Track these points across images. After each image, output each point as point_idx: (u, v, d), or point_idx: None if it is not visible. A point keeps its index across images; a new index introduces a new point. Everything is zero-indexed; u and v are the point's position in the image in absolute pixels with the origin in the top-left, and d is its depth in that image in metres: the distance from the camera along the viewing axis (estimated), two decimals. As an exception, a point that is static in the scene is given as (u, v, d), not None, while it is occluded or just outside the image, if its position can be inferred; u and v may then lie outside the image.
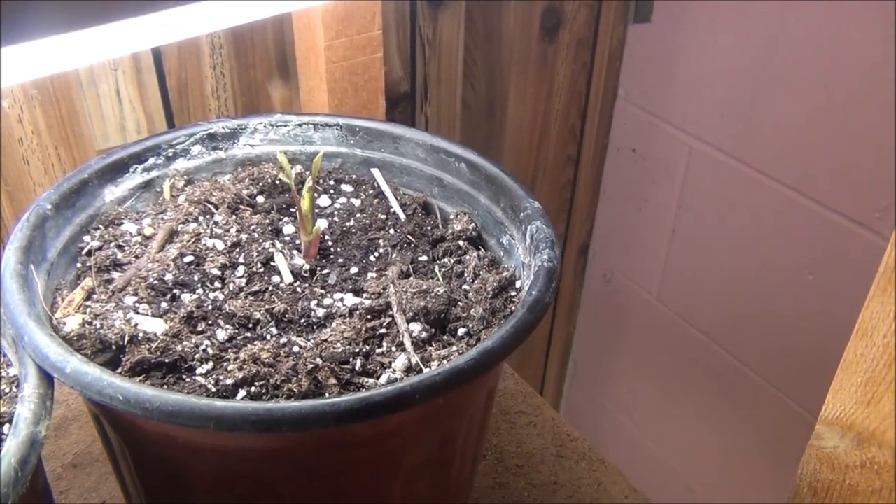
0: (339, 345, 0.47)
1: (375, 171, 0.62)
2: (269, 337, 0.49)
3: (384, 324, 0.50)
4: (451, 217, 0.60)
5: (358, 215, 0.61)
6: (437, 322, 0.50)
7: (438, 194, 0.62)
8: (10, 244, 0.47)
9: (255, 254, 0.54)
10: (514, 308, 0.51)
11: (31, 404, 0.37)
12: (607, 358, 1.53)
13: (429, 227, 0.60)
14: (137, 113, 0.83)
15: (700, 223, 1.25)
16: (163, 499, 0.48)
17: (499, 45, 1.10)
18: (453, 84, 1.09)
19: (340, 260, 0.56)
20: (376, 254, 0.57)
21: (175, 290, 0.51)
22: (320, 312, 0.51)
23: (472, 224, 0.58)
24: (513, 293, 0.53)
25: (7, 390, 0.44)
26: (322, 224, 0.57)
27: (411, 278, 0.53)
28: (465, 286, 0.54)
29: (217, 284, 0.52)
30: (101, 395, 0.37)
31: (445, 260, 0.56)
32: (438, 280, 0.54)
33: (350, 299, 0.52)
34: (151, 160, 0.58)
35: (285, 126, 0.63)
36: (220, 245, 0.54)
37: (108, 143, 0.83)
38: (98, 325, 0.47)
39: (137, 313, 0.49)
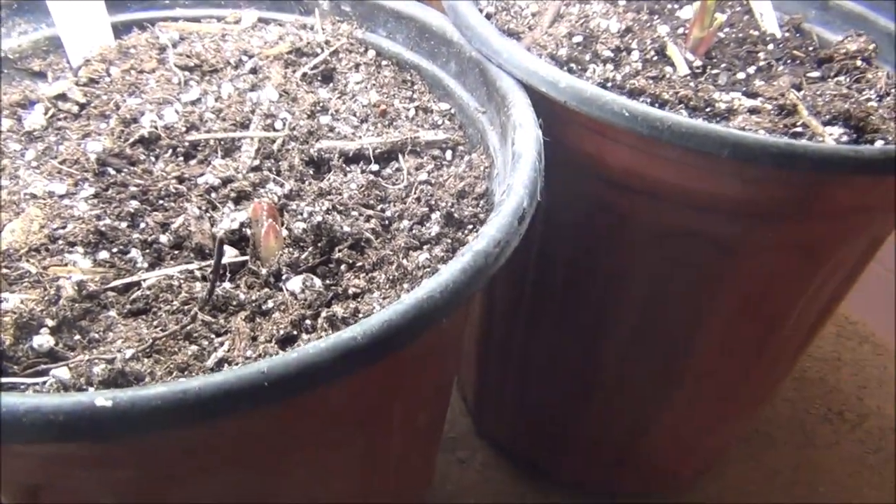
0: (761, 132, 0.45)
1: (753, -16, 0.58)
2: (677, 118, 0.47)
3: (795, 123, 0.47)
4: (838, 39, 0.55)
5: (726, 29, 0.57)
6: (856, 129, 0.47)
7: (816, 18, 0.58)
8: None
9: (648, 41, 0.52)
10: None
11: (526, 110, 0.37)
12: None
13: (810, 48, 0.56)
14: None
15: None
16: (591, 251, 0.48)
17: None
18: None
19: (723, 64, 0.54)
20: (756, 65, 0.54)
21: (570, 65, 0.50)
22: (722, 106, 0.49)
23: (872, 45, 0.54)
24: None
25: (440, 122, 0.45)
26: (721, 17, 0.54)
27: (824, 83, 0.50)
28: (870, 103, 0.50)
29: (610, 66, 0.51)
30: (602, 110, 0.36)
31: (840, 78, 0.53)
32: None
33: (746, 100, 0.50)
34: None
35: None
36: (613, 27, 0.52)
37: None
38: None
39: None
